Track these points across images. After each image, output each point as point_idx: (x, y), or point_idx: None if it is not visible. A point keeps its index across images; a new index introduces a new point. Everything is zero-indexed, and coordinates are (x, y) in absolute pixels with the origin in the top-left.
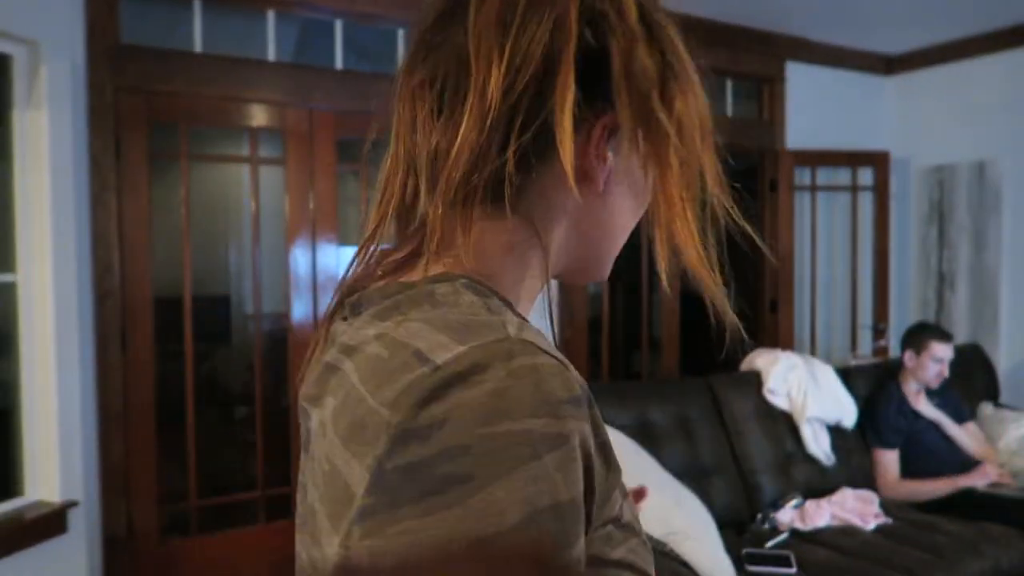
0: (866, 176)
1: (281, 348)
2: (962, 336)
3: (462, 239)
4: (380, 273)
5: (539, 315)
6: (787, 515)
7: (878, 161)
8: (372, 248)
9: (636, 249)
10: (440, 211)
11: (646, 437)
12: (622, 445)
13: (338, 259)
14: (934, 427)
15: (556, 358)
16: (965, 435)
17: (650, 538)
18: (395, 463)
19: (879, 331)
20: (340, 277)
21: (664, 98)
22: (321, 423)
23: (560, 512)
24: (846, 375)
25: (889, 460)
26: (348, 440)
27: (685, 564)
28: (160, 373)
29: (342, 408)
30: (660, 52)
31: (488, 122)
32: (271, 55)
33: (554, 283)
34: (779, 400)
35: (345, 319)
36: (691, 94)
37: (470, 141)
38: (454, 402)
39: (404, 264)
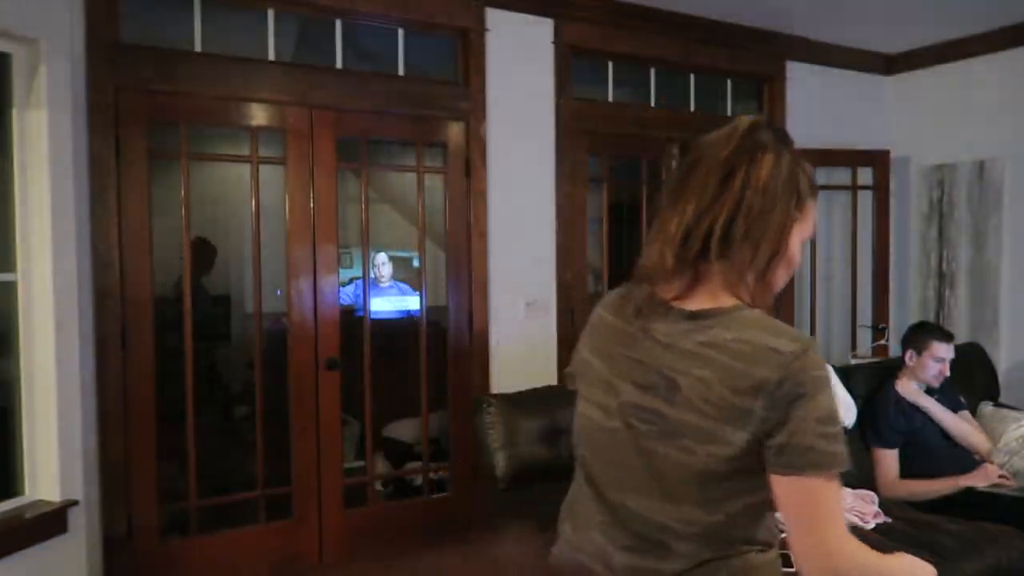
0: (866, 175)
1: (281, 347)
2: (962, 335)
3: (742, 288)
4: (669, 297)
5: None
6: None
7: (878, 160)
8: (643, 284)
9: (637, 250)
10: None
11: None
12: None
13: (338, 258)
14: (934, 426)
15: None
16: (959, 420)
17: None
18: (777, 396)
19: (879, 330)
20: (631, 296)
21: None
22: (700, 380)
23: (835, 406)
24: (846, 374)
25: (889, 459)
26: (739, 392)
27: None
28: (160, 372)
29: (725, 376)
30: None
31: None
32: (271, 54)
33: (553, 286)
34: None
35: (658, 322)
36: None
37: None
38: (799, 365)
39: (685, 294)
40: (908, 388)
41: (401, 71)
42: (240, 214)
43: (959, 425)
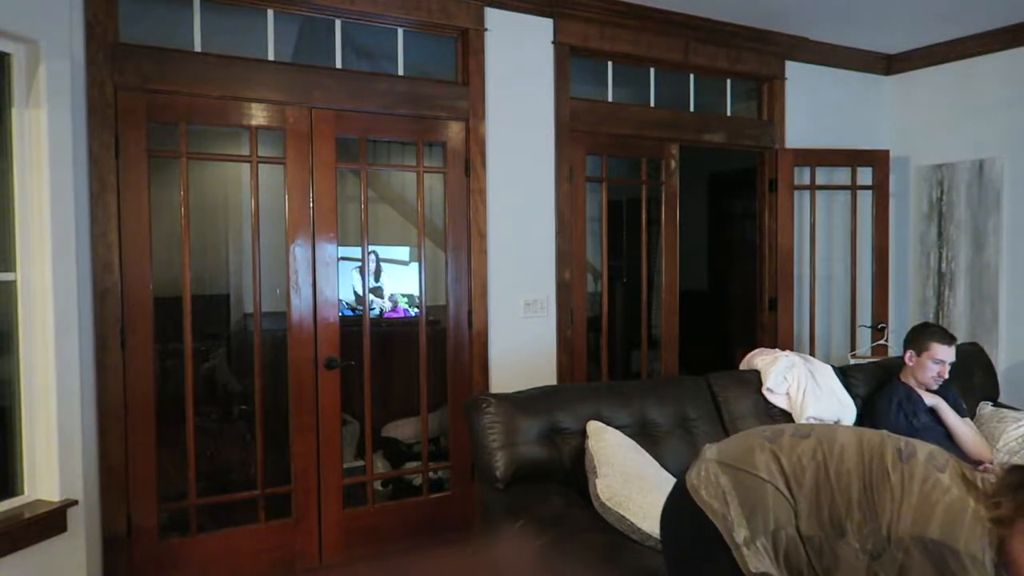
0: (866, 175)
1: (281, 347)
2: (962, 335)
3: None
4: (979, 492)
5: None
6: None
7: (878, 160)
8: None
9: (636, 249)
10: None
11: (646, 437)
12: (622, 445)
13: (337, 257)
14: (934, 428)
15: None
16: (964, 425)
17: (650, 536)
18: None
19: (878, 330)
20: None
21: None
22: (927, 469)
23: None
24: (845, 374)
25: None
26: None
27: None
28: (160, 372)
29: (939, 502)
30: None
31: None
32: (271, 54)
33: (553, 285)
34: (778, 399)
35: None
36: None
37: None
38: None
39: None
40: (926, 394)
41: (401, 71)
42: (240, 214)
43: (965, 431)
